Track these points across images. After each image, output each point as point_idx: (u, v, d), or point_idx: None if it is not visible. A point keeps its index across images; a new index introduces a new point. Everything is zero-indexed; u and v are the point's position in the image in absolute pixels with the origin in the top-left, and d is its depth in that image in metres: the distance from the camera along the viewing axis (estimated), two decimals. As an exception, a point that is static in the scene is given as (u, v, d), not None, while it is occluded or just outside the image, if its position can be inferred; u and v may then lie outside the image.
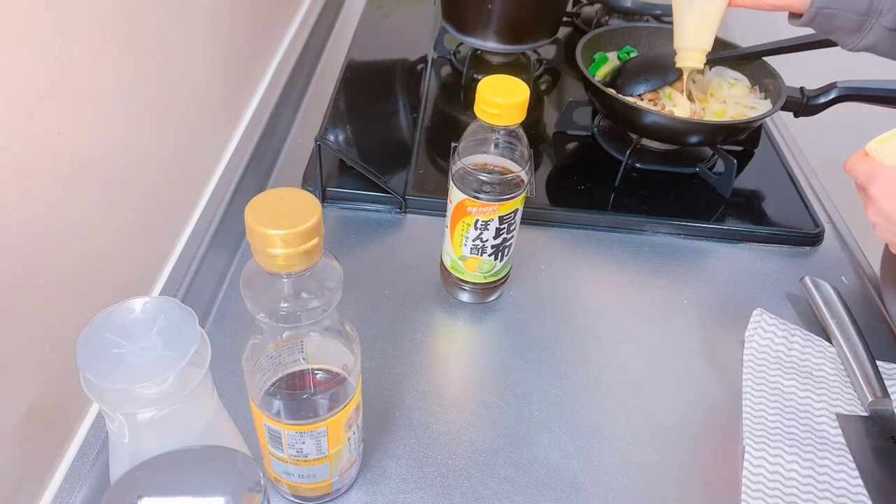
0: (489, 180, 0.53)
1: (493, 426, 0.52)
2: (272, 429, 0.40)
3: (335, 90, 0.76)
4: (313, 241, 0.33)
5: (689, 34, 0.69)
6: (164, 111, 0.57)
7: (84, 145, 0.46)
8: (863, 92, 0.71)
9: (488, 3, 0.84)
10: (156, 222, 0.58)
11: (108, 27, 0.47)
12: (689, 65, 0.70)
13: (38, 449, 0.45)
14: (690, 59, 0.70)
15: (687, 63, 0.70)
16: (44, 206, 0.42)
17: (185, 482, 0.32)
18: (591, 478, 0.50)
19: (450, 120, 0.86)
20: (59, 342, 0.45)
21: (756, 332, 0.59)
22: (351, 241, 0.67)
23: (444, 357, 0.58)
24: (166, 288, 0.57)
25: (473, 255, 0.58)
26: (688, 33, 0.69)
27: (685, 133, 0.72)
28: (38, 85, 0.41)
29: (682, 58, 0.70)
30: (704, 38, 0.68)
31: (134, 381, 0.32)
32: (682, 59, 0.70)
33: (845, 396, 0.55)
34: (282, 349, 0.38)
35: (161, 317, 0.34)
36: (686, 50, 0.70)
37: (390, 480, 0.48)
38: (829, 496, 0.48)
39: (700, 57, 0.69)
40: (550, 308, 0.62)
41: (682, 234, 0.71)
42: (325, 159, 0.69)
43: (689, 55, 0.70)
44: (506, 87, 0.50)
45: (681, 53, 0.70)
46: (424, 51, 0.94)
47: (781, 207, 0.74)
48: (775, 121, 0.88)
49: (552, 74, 0.96)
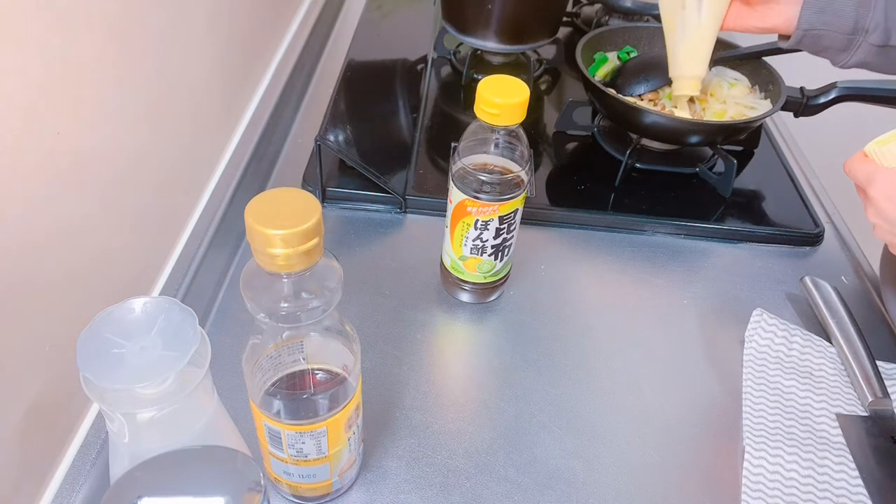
0: (489, 180, 0.53)
1: (493, 426, 0.52)
2: (272, 429, 0.40)
3: (335, 90, 0.76)
4: (313, 241, 0.33)
5: (684, 63, 0.70)
6: (164, 111, 0.57)
7: (84, 145, 0.46)
8: (863, 92, 0.71)
9: (488, 3, 0.84)
10: (156, 222, 0.58)
11: (108, 27, 0.47)
12: (687, 93, 0.71)
13: (38, 449, 0.45)
14: (687, 88, 0.71)
15: (684, 91, 0.71)
16: (44, 206, 0.42)
17: (185, 482, 0.32)
18: (591, 478, 0.50)
19: (450, 120, 0.86)
20: (59, 342, 0.45)
21: (756, 332, 0.59)
22: (351, 241, 0.67)
23: (444, 357, 0.58)
24: (166, 288, 0.57)
25: (473, 255, 0.58)
26: (682, 62, 0.70)
27: (685, 133, 0.72)
28: (37, 85, 0.41)
29: (678, 87, 0.72)
30: (699, 66, 0.70)
31: (134, 381, 0.32)
32: (678, 87, 0.72)
33: (845, 396, 0.55)
34: (282, 349, 0.38)
35: (161, 317, 0.34)
36: (682, 79, 0.71)
37: (390, 480, 0.48)
38: (829, 496, 0.48)
39: (696, 84, 0.71)
40: (550, 308, 0.62)
41: (682, 234, 0.71)
42: (325, 159, 0.69)
43: (686, 84, 0.71)
44: (506, 87, 0.50)
45: (677, 83, 0.72)
46: (424, 51, 0.94)
47: (781, 207, 0.74)
48: (775, 121, 0.88)
49: (552, 74, 0.96)
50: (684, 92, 0.71)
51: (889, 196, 0.48)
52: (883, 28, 0.58)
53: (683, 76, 0.70)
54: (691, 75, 0.70)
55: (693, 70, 0.70)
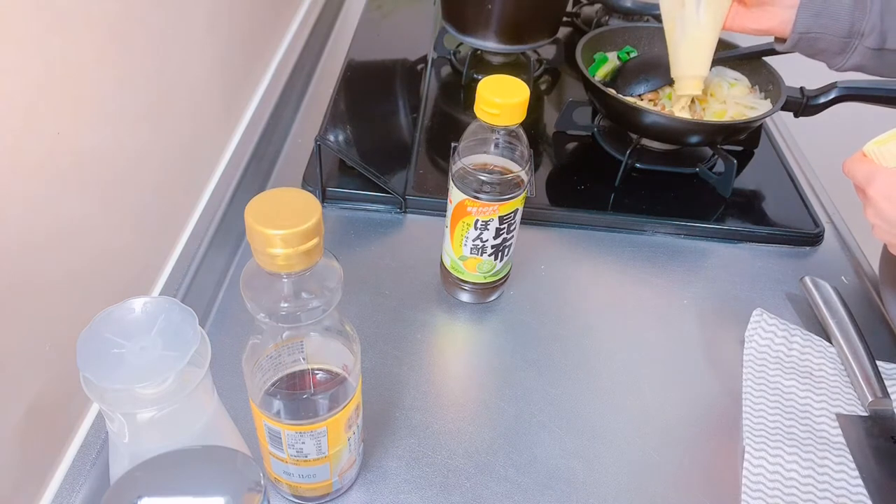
0: (489, 180, 0.53)
1: (493, 426, 0.52)
2: (272, 429, 0.40)
3: (335, 90, 0.76)
4: (313, 241, 0.33)
5: (686, 63, 0.70)
6: (164, 111, 0.57)
7: (84, 145, 0.46)
8: (863, 92, 0.71)
9: (488, 3, 0.84)
10: (156, 222, 0.58)
11: (108, 27, 0.47)
12: (689, 92, 0.71)
13: (38, 449, 0.45)
14: (689, 87, 0.71)
15: (686, 91, 0.71)
16: (44, 206, 0.42)
17: (185, 482, 0.32)
18: (591, 478, 0.50)
19: (450, 120, 0.86)
20: (59, 342, 0.45)
21: (756, 332, 0.59)
22: (351, 241, 0.67)
23: (444, 357, 0.58)
24: (166, 288, 0.57)
25: (473, 255, 0.58)
26: (684, 62, 0.70)
27: (685, 133, 0.72)
28: (37, 85, 0.41)
29: (680, 87, 0.72)
30: (701, 65, 0.70)
31: (134, 381, 0.32)
32: (681, 87, 0.72)
33: (845, 396, 0.55)
34: (282, 349, 0.38)
35: (161, 317, 0.34)
36: (684, 78, 0.71)
37: (390, 480, 0.48)
38: (829, 496, 0.48)
39: (698, 84, 0.71)
40: (550, 308, 0.62)
41: (682, 234, 0.71)
42: (325, 159, 0.69)
43: (688, 83, 0.71)
44: (506, 87, 0.50)
45: (679, 82, 0.72)
46: (424, 51, 0.94)
47: (781, 207, 0.74)
48: (775, 121, 0.88)
49: (552, 74, 0.96)
50: (687, 91, 0.71)
51: (888, 196, 0.48)
52: (879, 31, 0.58)
53: (685, 76, 0.70)
54: (693, 75, 0.70)
55: (694, 70, 0.70)
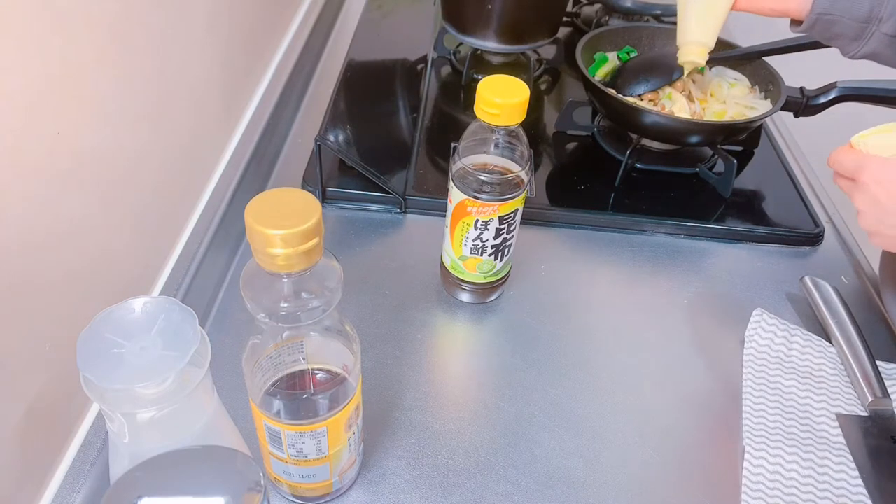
0: (489, 180, 0.53)
1: (493, 426, 0.52)
2: (272, 429, 0.40)
3: (335, 90, 0.76)
4: (313, 241, 0.33)
5: (693, 27, 0.67)
6: (164, 111, 0.57)
7: (84, 145, 0.46)
8: (863, 92, 0.71)
9: (488, 3, 0.84)
10: (156, 222, 0.58)
11: (108, 27, 0.47)
12: (692, 59, 0.69)
13: (38, 449, 0.45)
14: (693, 54, 0.68)
15: (689, 57, 0.69)
16: (44, 206, 0.42)
17: (185, 482, 0.32)
18: (591, 478, 0.50)
19: (450, 120, 0.86)
20: (59, 342, 0.45)
21: (756, 332, 0.59)
22: (351, 241, 0.67)
23: (444, 357, 0.58)
24: (166, 288, 0.57)
25: (473, 255, 0.58)
26: (691, 26, 0.67)
27: (685, 133, 0.72)
28: (38, 85, 0.41)
29: (684, 52, 0.69)
30: (708, 32, 0.67)
31: (134, 381, 0.32)
32: (684, 53, 0.69)
33: (845, 396, 0.55)
34: (282, 349, 0.38)
35: (161, 317, 0.34)
36: (688, 44, 0.68)
37: (390, 480, 0.48)
38: (829, 496, 0.48)
39: (703, 52, 0.68)
40: (550, 308, 0.62)
41: (682, 234, 0.71)
42: (325, 159, 0.69)
43: (692, 49, 0.68)
44: (506, 87, 0.50)
45: (683, 48, 0.69)
46: (424, 51, 0.94)
47: (781, 207, 0.74)
48: (775, 121, 0.88)
49: (552, 74, 0.96)
50: (689, 58, 0.69)
51: (880, 180, 0.48)
52: None
53: (691, 41, 0.68)
54: (698, 41, 0.67)
55: (700, 35, 0.67)
